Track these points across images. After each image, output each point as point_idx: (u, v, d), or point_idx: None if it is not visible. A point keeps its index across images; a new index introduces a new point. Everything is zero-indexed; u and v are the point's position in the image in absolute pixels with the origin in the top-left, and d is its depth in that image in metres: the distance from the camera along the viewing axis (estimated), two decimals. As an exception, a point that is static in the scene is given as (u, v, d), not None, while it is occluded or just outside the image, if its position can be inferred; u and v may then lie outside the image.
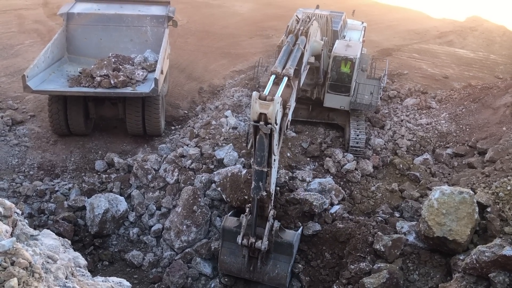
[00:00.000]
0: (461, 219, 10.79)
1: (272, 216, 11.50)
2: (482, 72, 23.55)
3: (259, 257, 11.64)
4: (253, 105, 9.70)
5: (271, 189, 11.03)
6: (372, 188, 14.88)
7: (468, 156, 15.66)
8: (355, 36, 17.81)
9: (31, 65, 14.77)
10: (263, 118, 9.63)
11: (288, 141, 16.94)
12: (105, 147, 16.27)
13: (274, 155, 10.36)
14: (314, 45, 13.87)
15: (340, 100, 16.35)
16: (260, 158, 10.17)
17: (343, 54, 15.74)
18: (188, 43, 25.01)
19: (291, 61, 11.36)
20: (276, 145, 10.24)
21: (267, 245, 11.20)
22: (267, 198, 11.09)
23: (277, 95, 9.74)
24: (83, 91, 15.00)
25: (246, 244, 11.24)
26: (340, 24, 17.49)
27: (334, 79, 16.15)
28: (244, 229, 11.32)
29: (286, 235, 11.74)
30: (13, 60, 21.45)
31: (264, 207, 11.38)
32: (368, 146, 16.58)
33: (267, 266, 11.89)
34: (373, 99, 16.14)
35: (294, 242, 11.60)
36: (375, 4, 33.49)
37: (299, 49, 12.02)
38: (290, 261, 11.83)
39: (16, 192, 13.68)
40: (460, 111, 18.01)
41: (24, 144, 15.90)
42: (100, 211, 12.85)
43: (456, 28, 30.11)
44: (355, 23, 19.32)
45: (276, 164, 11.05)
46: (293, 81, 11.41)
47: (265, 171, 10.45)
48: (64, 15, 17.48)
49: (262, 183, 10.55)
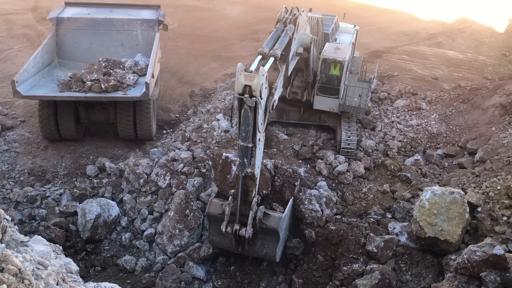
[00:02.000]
0: (452, 219, 10.87)
1: (256, 202, 11.30)
2: (471, 73, 23.78)
3: (245, 241, 11.65)
4: (238, 77, 9.67)
5: (255, 171, 10.85)
6: (364, 189, 14.94)
7: (458, 156, 15.78)
8: (347, 39, 17.90)
9: (21, 70, 14.67)
10: (247, 91, 9.61)
11: (280, 144, 16.99)
12: (96, 152, 16.19)
13: (259, 132, 10.26)
14: (303, 37, 13.89)
15: (330, 102, 16.42)
16: (245, 133, 10.11)
17: (332, 56, 15.81)
18: (179, 46, 25.00)
19: (278, 43, 11.48)
20: (261, 123, 10.20)
21: (251, 232, 11.08)
22: (251, 181, 10.98)
23: (261, 68, 9.75)
24: (74, 95, 14.92)
25: (230, 231, 11.19)
26: (331, 27, 17.57)
27: (324, 81, 16.22)
28: (227, 218, 11.25)
29: (271, 221, 11.52)
30: (2, 65, 21.31)
31: (248, 191, 11.22)
32: (359, 148, 16.66)
33: (255, 246, 11.95)
34: (361, 101, 16.21)
35: (279, 228, 11.44)
36: (365, 7, 33.70)
37: (286, 34, 12.10)
38: (277, 241, 11.79)
39: (6, 198, 13.56)
40: (450, 112, 18.17)
41: (14, 150, 15.78)
42: (92, 216, 12.77)
43: (445, 30, 30.39)
44: (347, 26, 19.43)
45: (261, 145, 10.93)
46: (280, 65, 11.50)
47: (250, 146, 10.34)
48: (53, 19, 17.39)
49: (247, 160, 10.47)
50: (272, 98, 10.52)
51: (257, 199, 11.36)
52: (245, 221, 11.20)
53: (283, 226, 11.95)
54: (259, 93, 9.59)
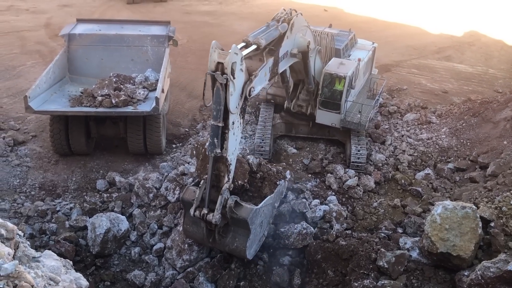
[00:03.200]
0: (464, 234, 10.73)
1: (227, 189, 10.92)
2: (481, 86, 23.67)
3: (216, 230, 11.38)
4: (212, 54, 9.70)
5: (228, 155, 10.64)
6: (374, 204, 14.83)
7: (469, 170, 15.63)
8: (361, 56, 17.87)
9: (33, 86, 14.88)
10: (220, 68, 9.65)
11: (289, 158, 16.96)
12: (106, 166, 16.27)
13: (231, 113, 10.16)
14: (299, 40, 13.90)
15: (331, 117, 16.38)
16: (216, 111, 10.04)
17: (334, 71, 15.82)
18: (189, 62, 25.22)
19: (265, 35, 11.57)
20: (235, 106, 10.22)
21: (218, 218, 10.74)
22: (224, 166, 10.80)
23: (234, 45, 9.76)
24: (85, 111, 15.07)
25: (198, 216, 10.95)
26: (345, 43, 17.62)
27: (325, 96, 16.23)
28: (197, 201, 11.02)
29: (242, 211, 11.13)
30: (15, 81, 21.64)
31: (220, 176, 11.00)
32: (369, 162, 16.58)
33: (227, 238, 11.62)
34: (362, 118, 16.10)
35: (249, 219, 11.00)
36: (373, 21, 33.83)
37: (277, 29, 12.21)
38: (248, 235, 11.38)
39: (18, 213, 13.63)
40: (461, 125, 18.05)
41: (26, 165, 15.92)
42: (101, 231, 12.77)
43: (454, 43, 30.37)
44: (365, 43, 19.40)
45: (237, 131, 10.79)
46: (267, 57, 11.62)
47: (220, 126, 10.18)
48: (65, 36, 17.66)
49: (217, 140, 10.27)
50: (250, 84, 10.59)
51: (228, 185, 10.96)
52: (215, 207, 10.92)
53: (256, 220, 11.50)
54: (230, 70, 9.62)
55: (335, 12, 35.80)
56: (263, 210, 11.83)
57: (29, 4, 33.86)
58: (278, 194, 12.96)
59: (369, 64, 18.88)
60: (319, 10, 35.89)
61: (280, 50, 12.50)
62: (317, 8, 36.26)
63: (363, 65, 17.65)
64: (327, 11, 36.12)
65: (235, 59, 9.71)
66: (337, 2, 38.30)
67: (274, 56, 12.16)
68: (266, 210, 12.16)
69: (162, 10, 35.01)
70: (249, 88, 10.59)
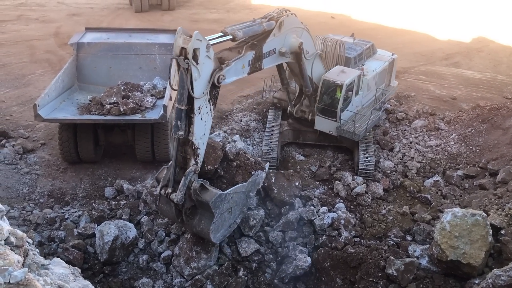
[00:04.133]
0: (474, 242, 10.62)
1: (192, 171, 11.18)
2: (490, 92, 23.51)
3: (183, 210, 11.69)
4: (177, 39, 10.06)
5: (194, 140, 10.97)
6: (383, 211, 14.74)
7: (479, 177, 15.51)
8: (375, 66, 17.75)
9: (42, 94, 15.02)
10: (183, 53, 9.99)
11: (296, 165, 16.93)
12: (115, 174, 16.34)
13: (195, 98, 10.48)
14: (291, 40, 14.06)
15: (329, 124, 16.32)
16: (180, 95, 10.42)
17: (332, 78, 15.80)
18: (196, 69, 25.28)
19: (244, 27, 11.91)
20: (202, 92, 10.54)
21: (179, 198, 11.03)
22: (190, 149, 11.12)
23: (196, 32, 10.01)
24: (93, 118, 15.17)
25: (163, 194, 11.34)
26: (358, 52, 17.60)
27: (324, 103, 16.19)
28: (164, 181, 11.42)
29: (207, 195, 11.37)
30: (25, 89, 21.85)
31: (187, 158, 11.33)
32: (377, 169, 16.50)
33: (194, 220, 11.95)
34: (356, 127, 15.91)
35: (213, 203, 11.23)
36: (380, 28, 33.79)
37: (260, 25, 12.52)
38: (212, 218, 11.61)
39: (27, 220, 13.71)
40: (470, 132, 17.93)
41: (35, 172, 16.03)
42: (109, 238, 12.80)
43: (462, 50, 30.23)
44: (383, 54, 19.16)
45: (205, 116, 11.08)
46: (246, 50, 12.03)
47: (183, 109, 10.51)
48: (74, 44, 17.82)
49: (180, 122, 10.63)
50: (220, 72, 10.89)
51: (194, 168, 11.22)
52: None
53: (222, 205, 11.69)
54: (191, 55, 9.94)
55: (342, 19, 35.82)
56: (232, 197, 12.05)
57: (38, 13, 34.25)
58: (253, 183, 13.06)
59: (384, 75, 18.52)
60: (326, 17, 35.93)
61: (265, 46, 12.84)
62: (324, 15, 36.30)
63: (375, 76, 17.44)
64: (334, 18, 36.13)
65: (197, 45, 10.04)
66: (344, 9, 38.32)
67: (255, 50, 12.49)
68: (237, 198, 12.36)
69: (170, 18, 35.23)
70: (217, 76, 10.90)
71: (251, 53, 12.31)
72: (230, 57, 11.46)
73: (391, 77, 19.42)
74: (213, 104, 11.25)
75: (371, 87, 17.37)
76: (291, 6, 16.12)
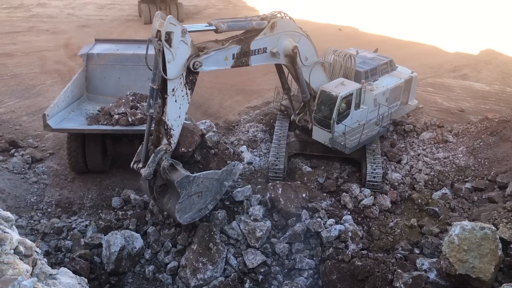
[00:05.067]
0: (484, 256, 10.50)
1: (162, 150, 11.80)
2: (498, 105, 23.41)
3: (154, 188, 12.34)
4: (154, 22, 10.84)
5: (167, 120, 11.66)
6: (390, 224, 14.64)
7: (488, 190, 15.36)
8: (387, 82, 17.65)
9: (52, 104, 15.14)
10: (158, 35, 10.76)
11: (304, 176, 16.89)
12: (122, 184, 16.39)
13: (168, 79, 11.17)
14: (285, 42, 14.29)
15: (324, 135, 16.25)
16: (153, 75, 11.31)
17: (328, 90, 15.79)
18: (204, 80, 25.38)
19: (230, 22, 12.53)
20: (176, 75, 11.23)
21: (147, 173, 11.67)
22: (163, 129, 11.79)
23: (170, 16, 10.76)
24: (101, 128, 15.28)
25: (135, 168, 12.03)
26: (371, 66, 17.58)
27: (320, 113, 16.15)
28: (137, 156, 12.13)
29: (174, 174, 11.98)
30: (35, 99, 22.08)
31: (159, 137, 11.98)
32: (385, 181, 16.41)
33: (164, 199, 12.50)
34: (346, 140, 15.74)
35: (179, 183, 11.74)
36: (388, 40, 33.85)
37: (249, 22, 13.13)
38: (178, 197, 12.08)
39: (34, 230, 13.76)
40: (478, 144, 17.81)
41: (43, 182, 16.12)
42: (116, 249, 12.81)
43: (470, 62, 30.17)
44: (402, 71, 18.92)
45: (180, 99, 11.76)
46: (230, 44, 12.67)
47: (155, 88, 11.30)
48: (84, 55, 18.03)
49: (152, 101, 11.36)
50: (196, 58, 11.64)
51: (166, 148, 11.84)
52: None
53: (189, 187, 12.13)
54: (164, 37, 10.66)
55: (350, 31, 35.95)
56: (202, 181, 12.47)
57: (49, 25, 34.71)
58: (228, 173, 13.38)
59: (399, 92, 18.27)
60: (334, 29, 36.08)
61: (253, 43, 13.28)
62: (331, 27, 36.46)
63: (384, 92, 17.29)
64: (342, 30, 36.28)
65: (171, 29, 10.77)
66: (352, 21, 38.47)
67: (241, 45, 12.98)
68: (209, 184, 12.75)
69: (179, 30, 35.56)
70: (193, 62, 11.58)
71: (235, 47, 12.85)
72: (214, 47, 12.10)
73: (408, 95, 19.08)
74: (190, 89, 11.98)
75: (380, 103, 17.21)
76: (299, 18, 16.17)
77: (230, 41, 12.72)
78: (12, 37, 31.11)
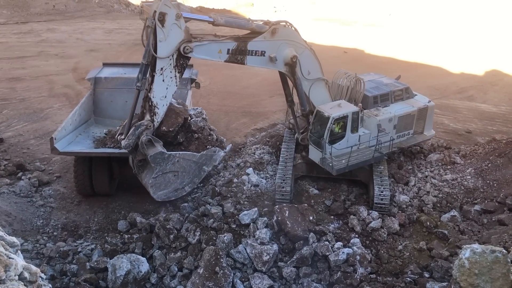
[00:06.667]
0: (495, 280, 10.27)
1: (144, 125, 12.68)
2: (506, 126, 23.31)
3: (135, 161, 13.26)
4: (154, 3, 12.02)
5: (153, 97, 12.61)
6: (399, 247, 14.43)
7: (497, 212, 15.16)
8: (396, 109, 17.48)
9: (59, 128, 15.29)
10: (154, 15, 11.86)
11: (310, 199, 16.77)
12: (128, 207, 16.36)
13: (158, 57, 12.20)
14: (284, 50, 14.64)
15: (317, 154, 16.20)
16: (144, 51, 12.43)
17: (322, 110, 15.86)
18: (211, 103, 25.62)
19: (230, 18, 13.45)
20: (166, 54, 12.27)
21: (126, 144, 12.55)
22: (147, 104, 12.71)
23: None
24: (108, 151, 15.34)
25: (118, 140, 12.94)
26: (384, 92, 17.58)
27: (317, 133, 16.11)
28: (121, 129, 13.10)
29: (150, 149, 12.69)
30: (42, 123, 22.30)
31: (144, 113, 12.85)
32: (393, 203, 16.25)
33: (143, 173, 13.30)
34: (333, 162, 15.58)
35: (152, 158, 12.48)
36: (393, 61, 34.02)
37: (250, 23, 13.93)
38: (152, 172, 12.87)
39: (40, 254, 13.70)
40: (486, 166, 17.65)
41: (49, 205, 16.14)
42: (122, 273, 12.70)
43: (476, 83, 30.19)
44: (419, 99, 18.63)
45: (168, 80, 12.69)
46: (227, 39, 13.47)
47: (144, 63, 12.46)
48: (92, 79, 18.26)
49: (140, 75, 12.46)
50: (188, 43, 12.51)
51: (147, 123, 12.71)
52: None
53: (164, 164, 12.84)
54: (157, 16, 11.74)
55: (355, 53, 36.19)
56: (178, 160, 13.23)
57: (58, 49, 35.27)
58: (207, 158, 14.13)
59: (410, 121, 17.86)
60: (339, 52, 36.36)
61: (250, 43, 13.95)
62: (337, 50, 36.74)
63: (391, 118, 17.07)
64: (347, 52, 36.55)
65: (165, 10, 11.80)
66: (357, 43, 38.77)
67: (238, 42, 13.68)
68: (185, 165, 13.49)
69: (185, 53, 35.99)
70: (184, 46, 12.50)
71: (231, 43, 13.55)
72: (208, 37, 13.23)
73: (424, 125, 18.52)
74: (179, 72, 12.86)
75: (385, 129, 17.04)
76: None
77: (227, 37, 13.58)
78: (22, 62, 31.63)
